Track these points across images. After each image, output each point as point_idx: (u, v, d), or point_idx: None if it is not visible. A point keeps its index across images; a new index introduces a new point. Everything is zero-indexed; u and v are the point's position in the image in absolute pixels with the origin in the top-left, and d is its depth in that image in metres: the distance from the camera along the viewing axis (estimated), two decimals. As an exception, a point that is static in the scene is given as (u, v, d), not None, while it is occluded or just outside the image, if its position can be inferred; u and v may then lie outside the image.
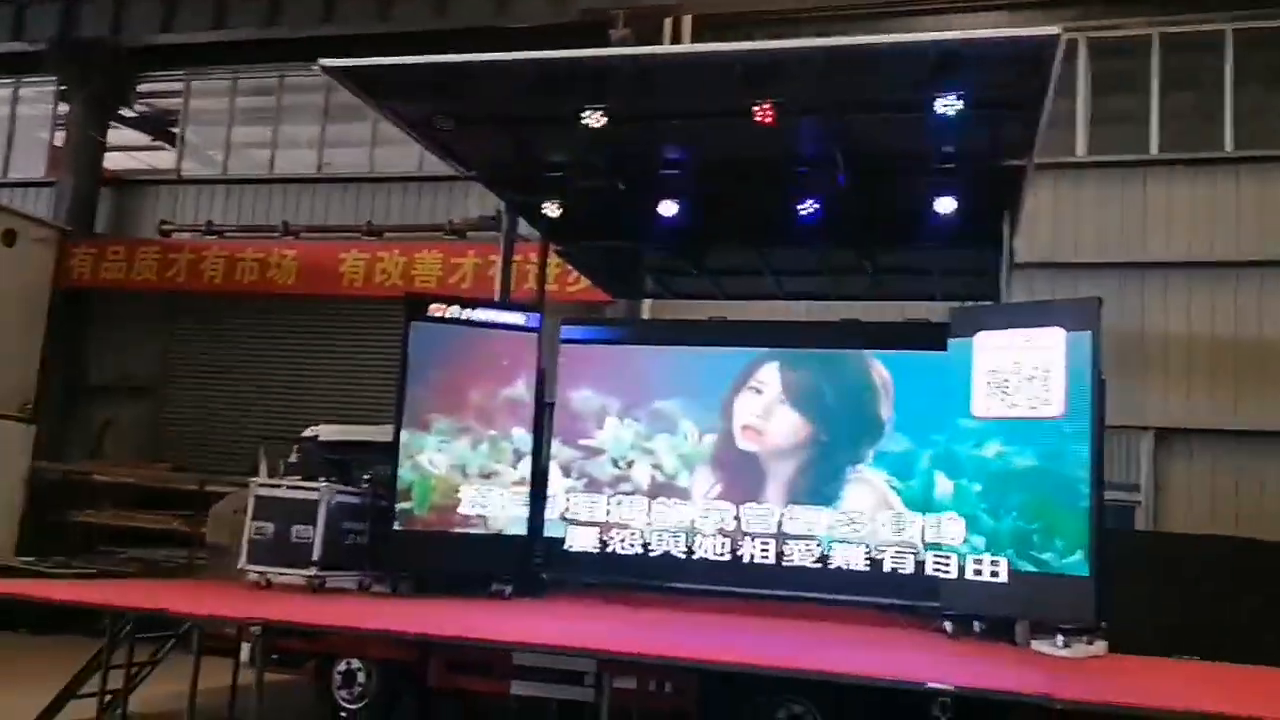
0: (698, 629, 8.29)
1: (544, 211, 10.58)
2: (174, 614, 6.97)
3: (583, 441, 10.12)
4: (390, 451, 10.15)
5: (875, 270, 12.22)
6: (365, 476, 9.96)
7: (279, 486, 9.00)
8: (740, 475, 9.85)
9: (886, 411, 9.57)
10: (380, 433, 10.76)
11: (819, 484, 9.56)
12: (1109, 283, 13.47)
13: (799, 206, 10.03)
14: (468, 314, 9.76)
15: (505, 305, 10.45)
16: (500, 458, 9.85)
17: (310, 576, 8.75)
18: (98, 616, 13.65)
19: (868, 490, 9.44)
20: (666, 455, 9.99)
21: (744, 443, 9.84)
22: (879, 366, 9.77)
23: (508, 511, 9.80)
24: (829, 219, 10.16)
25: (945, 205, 9.69)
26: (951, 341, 8.94)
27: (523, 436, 9.92)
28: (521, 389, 9.99)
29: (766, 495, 9.72)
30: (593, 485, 10.02)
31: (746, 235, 11.11)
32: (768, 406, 9.82)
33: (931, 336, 9.69)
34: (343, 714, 9.66)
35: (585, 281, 14.95)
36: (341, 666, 9.73)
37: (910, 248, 11.29)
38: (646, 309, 15.26)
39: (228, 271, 16.66)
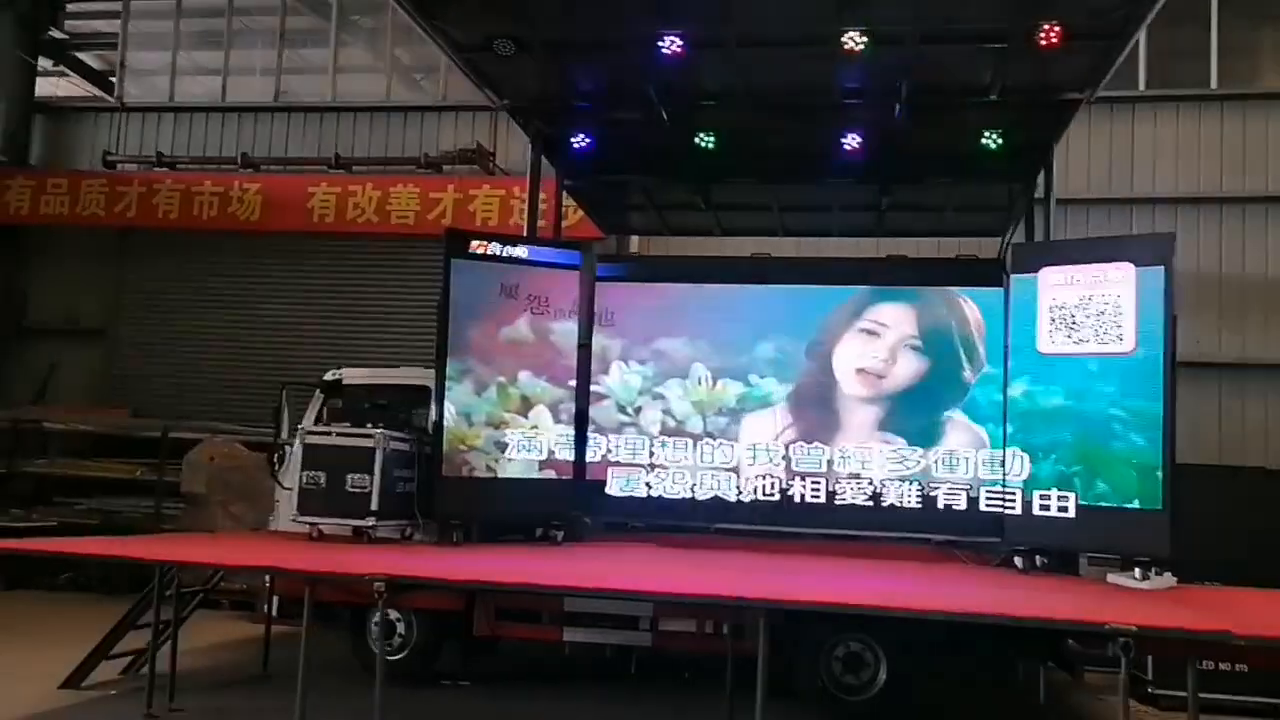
0: (759, 570, 8.13)
1: (573, 144, 10.16)
2: (287, 570, 6.48)
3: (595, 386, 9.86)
4: (421, 394, 9.77)
5: (888, 207, 12.13)
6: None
7: (329, 434, 8.50)
8: (816, 416, 9.67)
9: (981, 350, 9.46)
10: (406, 375, 10.33)
11: (917, 425, 9.43)
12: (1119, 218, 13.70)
13: (843, 140, 9.84)
14: (509, 251, 9.31)
15: (545, 242, 10.01)
16: (544, 400, 9.51)
17: (369, 527, 8.32)
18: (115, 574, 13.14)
19: (963, 431, 9.36)
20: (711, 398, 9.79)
21: (852, 385, 9.61)
22: (972, 305, 9.60)
23: (555, 456, 9.49)
24: (869, 154, 10.00)
25: (992, 139, 9.61)
26: (1015, 277, 8.88)
27: (566, 378, 9.58)
28: (564, 328, 9.63)
29: (846, 436, 9.59)
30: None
31: (776, 169, 10.87)
32: (891, 348, 9.58)
33: (981, 273, 9.66)
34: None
35: (571, 218, 14.55)
36: (378, 617, 9.41)
37: (936, 182, 11.21)
38: (634, 245, 14.96)
39: (184, 206, 15.72)
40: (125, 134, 16.81)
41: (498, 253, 9.28)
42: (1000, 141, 9.59)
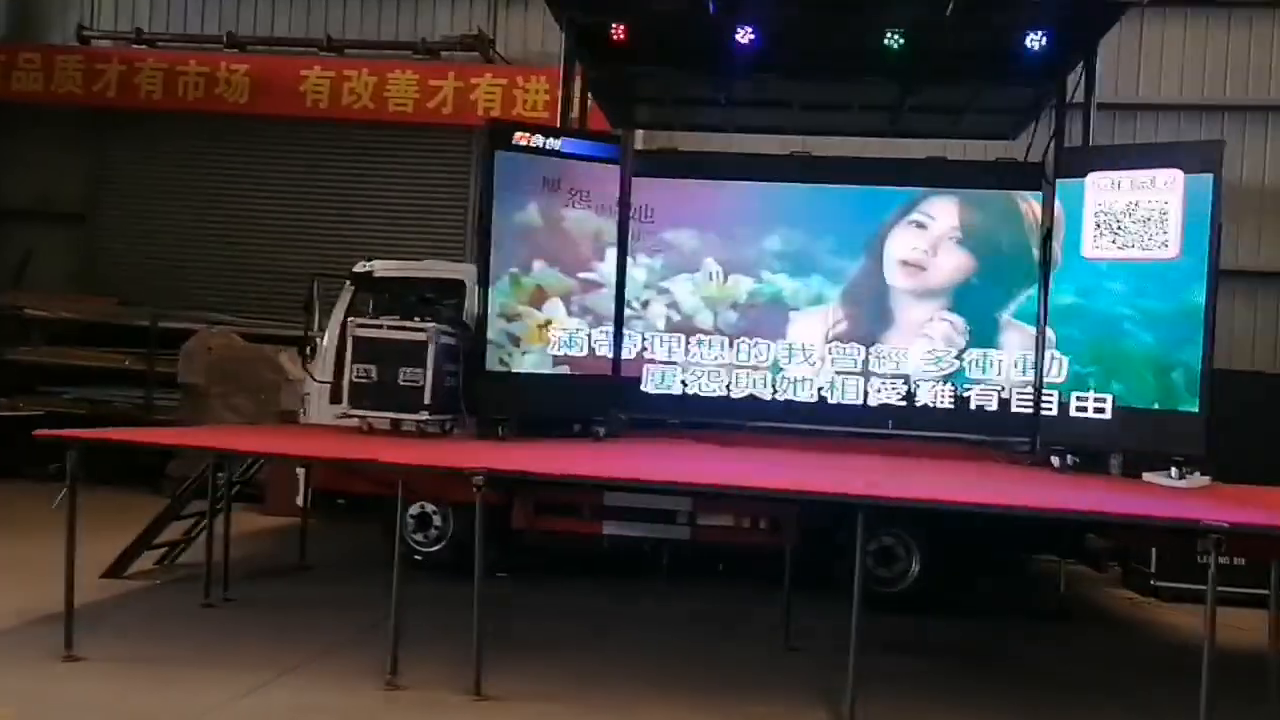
0: (798, 466, 8.27)
1: (610, 34, 9.90)
2: (382, 463, 6.44)
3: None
4: (454, 288, 9.67)
5: (910, 108, 12.06)
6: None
7: (381, 327, 8.37)
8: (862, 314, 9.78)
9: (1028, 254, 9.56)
10: (439, 268, 10.18)
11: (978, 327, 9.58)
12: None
13: (887, 37, 9.72)
14: (551, 143, 9.12)
15: (583, 135, 9.82)
16: (585, 296, 9.45)
17: (423, 421, 8.27)
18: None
19: (1016, 333, 9.51)
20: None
21: (899, 279, 9.67)
22: (1034, 205, 9.64)
23: (596, 352, 9.48)
24: (910, 51, 9.89)
25: (1038, 39, 9.56)
26: (1060, 182, 8.94)
27: (607, 273, 9.53)
28: (603, 223, 9.52)
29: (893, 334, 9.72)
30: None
31: (813, 66, 10.70)
32: (934, 242, 9.63)
33: (1022, 177, 9.70)
34: (417, 558, 9.44)
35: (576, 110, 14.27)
36: (415, 510, 9.46)
37: (967, 83, 11.16)
38: (639, 140, 14.71)
39: (167, 86, 15.06)
40: (98, 7, 15.99)
41: (540, 145, 9.08)
42: (1044, 41, 9.52)
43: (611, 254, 9.50)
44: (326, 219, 15.16)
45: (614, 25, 9.88)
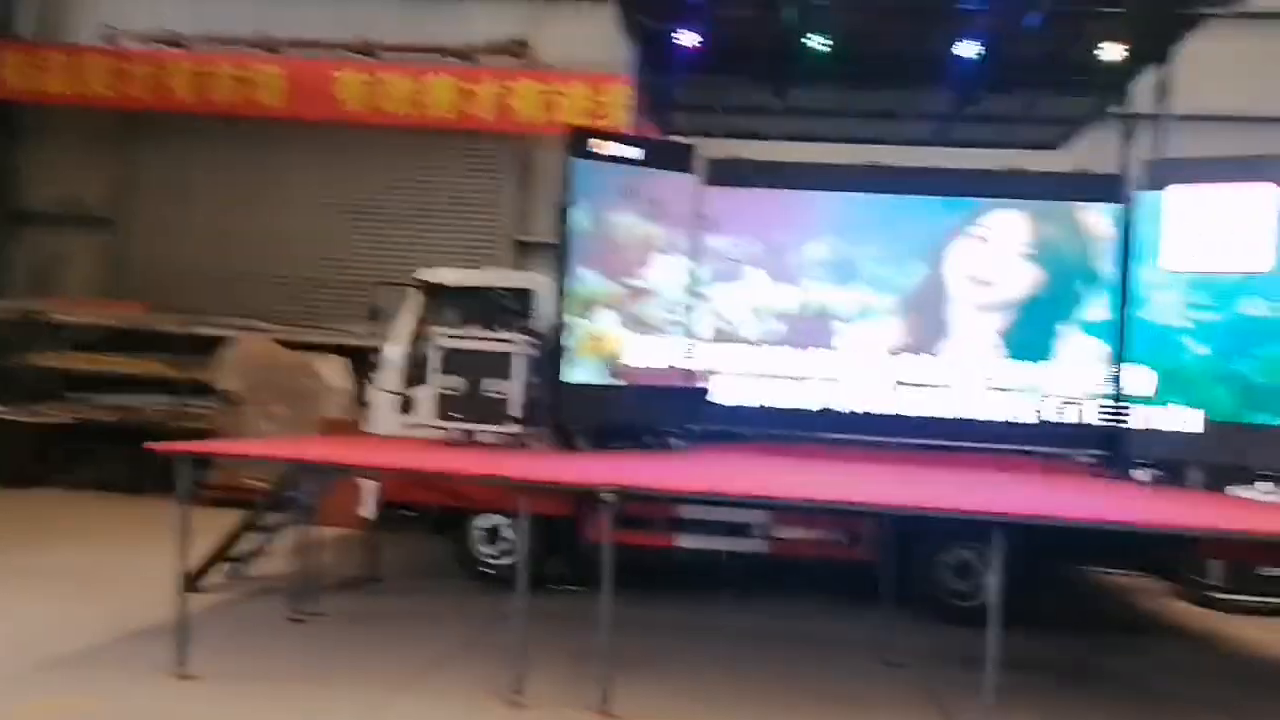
0: (868, 478, 8.19)
1: (675, 40, 9.83)
2: (525, 481, 6.31)
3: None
4: (523, 297, 9.54)
5: (965, 117, 12.07)
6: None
7: (466, 338, 8.23)
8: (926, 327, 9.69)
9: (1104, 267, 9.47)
10: (506, 277, 10.05)
11: (1033, 339, 9.50)
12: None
13: (957, 47, 9.69)
14: (627, 152, 9.02)
15: (654, 144, 9.71)
16: (661, 306, 9.34)
17: (514, 434, 8.14)
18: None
19: (1078, 346, 9.45)
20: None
21: (969, 294, 9.60)
22: (1102, 220, 9.56)
23: (670, 362, 9.38)
24: (984, 61, 9.87)
25: (1112, 52, 9.56)
26: (1146, 194, 8.92)
27: (659, 282, 9.42)
28: (678, 234, 9.42)
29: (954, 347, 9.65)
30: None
31: (873, 73, 10.69)
32: (998, 257, 9.57)
33: (1102, 188, 9.66)
34: (487, 570, 9.31)
35: (615, 117, 14.13)
36: (484, 523, 9.34)
37: (1024, 93, 11.17)
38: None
39: (199, 88, 14.79)
40: (121, 6, 15.72)
41: (616, 153, 8.98)
42: (1122, 53, 9.51)
43: (664, 261, 9.32)
44: (359, 225, 14.95)
45: (682, 30, 9.78)
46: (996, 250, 9.63)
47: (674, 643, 7.76)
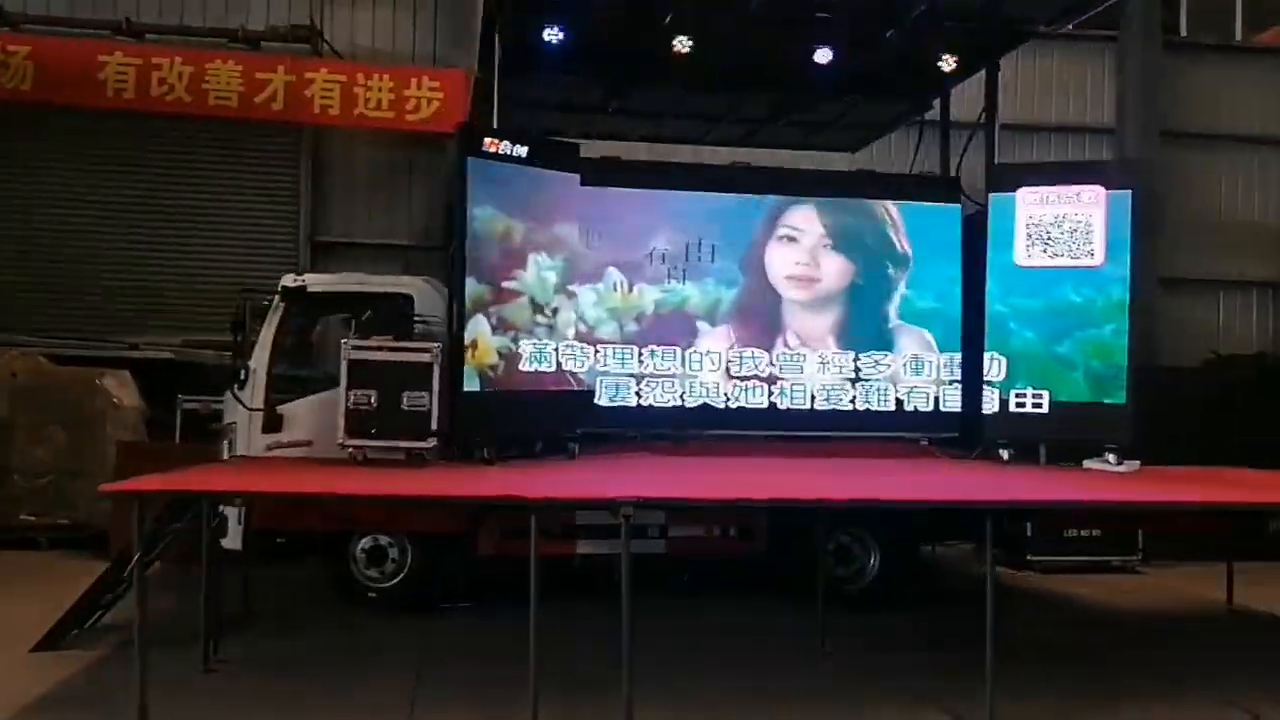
0: (758, 472, 8.46)
1: (545, 37, 9.58)
2: (529, 500, 5.99)
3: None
4: (402, 303, 9.01)
5: (787, 121, 12.54)
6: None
7: (379, 349, 7.63)
8: (763, 323, 9.98)
9: (904, 256, 10.12)
10: (381, 282, 9.43)
11: (865, 331, 10.01)
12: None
13: (816, 54, 10.06)
14: (516, 150, 8.71)
15: (544, 142, 9.40)
16: (547, 308, 9.11)
17: (429, 448, 7.67)
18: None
19: (910, 335, 10.02)
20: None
21: (789, 292, 9.92)
22: (891, 210, 10.19)
23: (562, 367, 9.17)
24: (833, 67, 10.29)
25: (947, 63, 10.26)
26: (993, 195, 9.67)
27: (551, 285, 9.22)
28: (562, 233, 9.22)
29: (798, 340, 9.99)
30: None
31: (719, 79, 10.91)
32: (812, 252, 9.94)
33: (939, 190, 10.36)
34: (371, 594, 8.80)
35: (426, 111, 13.68)
36: (365, 544, 8.82)
37: (850, 99, 11.75)
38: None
39: (-80, 68, 12.86)
40: None
41: (508, 152, 8.66)
42: (955, 64, 10.22)
43: (536, 261, 9.07)
44: (134, 225, 13.51)
45: (551, 28, 9.55)
46: (801, 244, 10.10)
47: (609, 651, 7.56)
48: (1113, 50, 15.88)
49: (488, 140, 8.56)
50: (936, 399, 10.07)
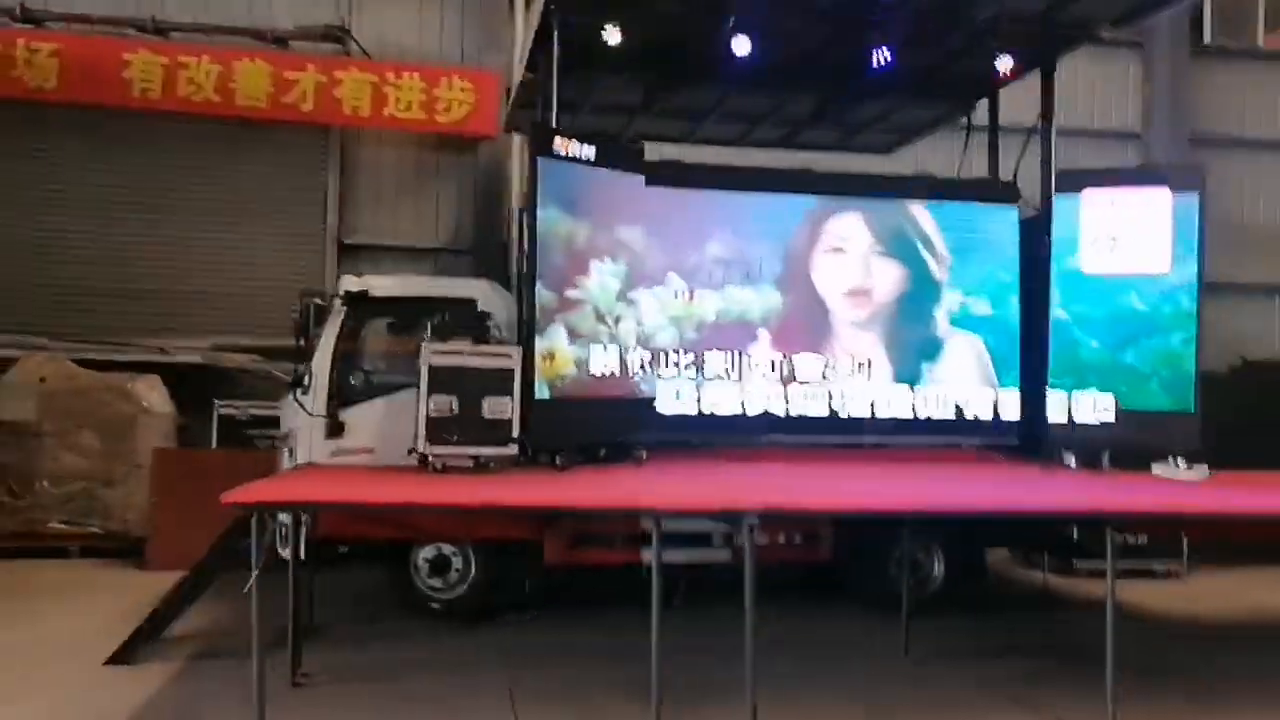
0: (838, 479, 8.32)
1: (604, 37, 9.42)
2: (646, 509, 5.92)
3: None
4: (467, 308, 8.80)
5: (828, 122, 12.45)
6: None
7: (460, 354, 7.44)
8: (819, 329, 9.88)
9: (944, 264, 10.04)
10: (449, 285, 9.25)
11: (916, 339, 9.90)
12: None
13: (873, 53, 9.94)
14: (584, 151, 8.55)
15: (609, 144, 9.23)
16: (610, 317, 8.95)
17: (515, 456, 7.49)
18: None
19: (962, 342, 9.92)
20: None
21: (842, 302, 9.83)
22: (925, 215, 10.12)
23: (625, 374, 9.01)
24: (889, 66, 10.18)
25: (1005, 64, 10.17)
26: (1058, 198, 9.58)
27: (627, 290, 9.06)
28: (626, 237, 9.06)
29: (852, 348, 9.89)
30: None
31: (770, 80, 10.77)
32: (864, 262, 9.83)
33: (1000, 193, 10.28)
34: (434, 605, 8.61)
35: (456, 112, 13.52)
36: (428, 553, 8.63)
37: (893, 100, 11.66)
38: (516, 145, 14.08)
39: (-54, 66, 12.57)
40: None
41: (576, 154, 8.50)
42: (1012, 65, 10.13)
43: (600, 268, 8.88)
44: (159, 226, 13.22)
45: (608, 26, 9.38)
46: (863, 257, 10.00)
47: (698, 662, 7.41)
48: (1139, 55, 15.89)
49: (558, 140, 8.37)
50: (996, 405, 9.95)
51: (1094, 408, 9.36)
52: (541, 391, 8.28)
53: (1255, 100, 16.17)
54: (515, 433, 7.45)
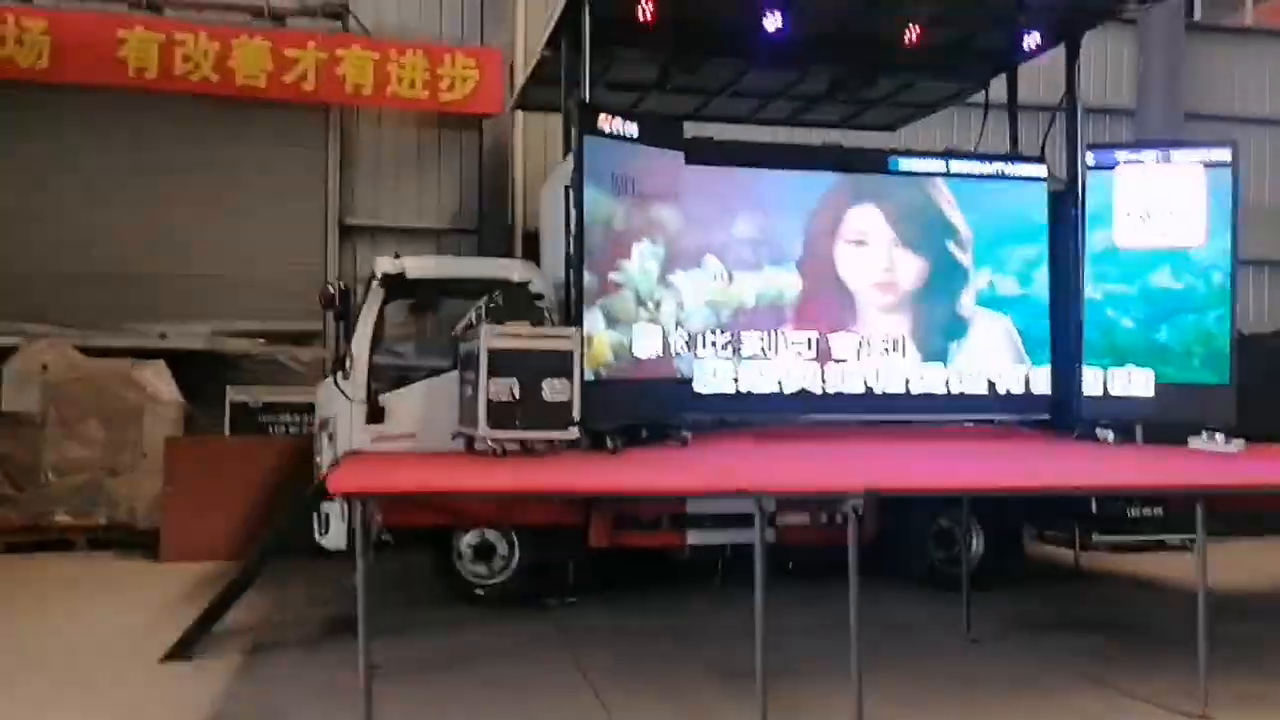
0: (868, 459, 8.31)
1: (635, 11, 9.24)
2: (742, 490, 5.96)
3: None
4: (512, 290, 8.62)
5: (841, 100, 12.38)
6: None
7: (519, 336, 7.28)
8: (848, 307, 9.87)
9: (968, 247, 10.06)
10: (487, 266, 9.06)
11: (941, 322, 9.93)
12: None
13: (905, 28, 9.90)
14: (629, 129, 8.40)
15: (650, 120, 9.05)
16: (650, 301, 8.82)
17: (574, 439, 7.36)
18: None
19: (989, 322, 9.93)
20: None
21: (868, 291, 9.82)
22: (944, 190, 10.11)
23: (666, 355, 8.89)
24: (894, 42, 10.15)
25: (1031, 40, 10.17)
26: (1092, 174, 9.59)
27: (669, 269, 8.94)
28: (665, 216, 8.93)
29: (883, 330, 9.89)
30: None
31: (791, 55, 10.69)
32: (887, 256, 9.81)
33: (1028, 166, 10.27)
34: (479, 591, 8.48)
35: (460, 90, 13.27)
36: (471, 539, 8.49)
37: (910, 76, 11.63)
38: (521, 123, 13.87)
39: (-66, 44, 12.08)
40: None
41: (619, 131, 8.34)
42: (1039, 41, 10.13)
43: (641, 250, 8.72)
44: (159, 209, 12.84)
45: (641, 2, 9.21)
46: (885, 249, 10.01)
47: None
48: (1133, 32, 15.96)
49: (602, 117, 8.21)
50: (1027, 380, 9.98)
51: (1130, 382, 9.36)
52: (585, 374, 8.14)
53: (1244, 78, 16.33)
54: (576, 415, 7.29)
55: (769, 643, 5.60)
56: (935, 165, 10.22)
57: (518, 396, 7.13)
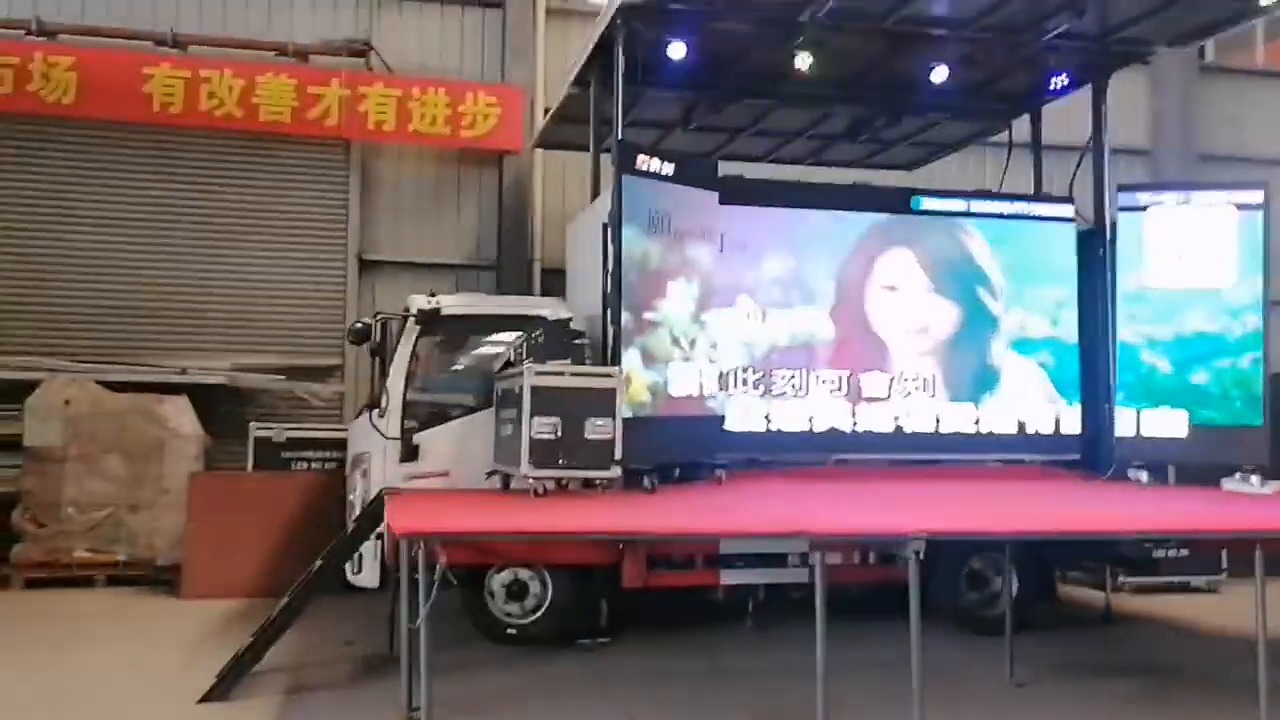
0: (909, 500, 8.26)
1: (669, 53, 9.30)
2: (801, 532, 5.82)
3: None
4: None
5: (861, 139, 12.44)
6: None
7: (561, 374, 7.25)
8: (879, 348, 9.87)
9: (999, 286, 10.09)
10: (521, 303, 9.04)
11: (973, 369, 9.94)
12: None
13: (931, 70, 9.96)
14: (666, 168, 8.42)
15: (686, 160, 9.09)
16: (685, 339, 8.81)
17: (614, 479, 7.32)
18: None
19: (1018, 366, 9.95)
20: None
21: (907, 342, 9.86)
22: (976, 234, 10.15)
23: (699, 394, 8.87)
24: (919, 84, 10.23)
25: (1058, 82, 10.24)
26: (1122, 214, 9.62)
27: (701, 309, 8.94)
28: (699, 255, 8.93)
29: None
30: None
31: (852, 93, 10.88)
32: (920, 302, 9.85)
33: (1056, 207, 10.30)
34: (510, 630, 8.39)
35: (481, 128, 13.32)
36: (505, 578, 8.41)
37: (934, 117, 11.70)
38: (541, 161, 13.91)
39: (-38, 82, 12.12)
40: None
41: (656, 170, 8.36)
42: (1065, 82, 10.20)
43: (677, 288, 8.76)
44: (181, 243, 12.83)
45: (675, 41, 9.26)
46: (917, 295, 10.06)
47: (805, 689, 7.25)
48: (1146, 73, 16.07)
49: (640, 156, 8.23)
50: (1057, 420, 9.96)
51: (1163, 424, 9.34)
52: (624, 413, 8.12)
53: (1259, 117, 16.43)
54: (617, 454, 7.25)
55: (808, 683, 5.53)
56: (964, 205, 10.19)
57: (560, 435, 7.08)
